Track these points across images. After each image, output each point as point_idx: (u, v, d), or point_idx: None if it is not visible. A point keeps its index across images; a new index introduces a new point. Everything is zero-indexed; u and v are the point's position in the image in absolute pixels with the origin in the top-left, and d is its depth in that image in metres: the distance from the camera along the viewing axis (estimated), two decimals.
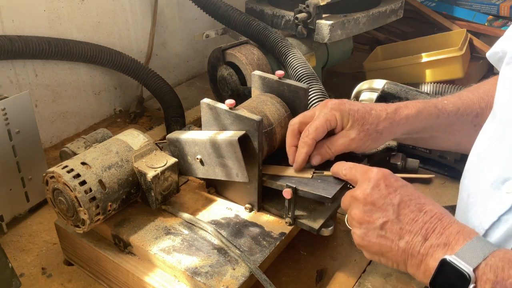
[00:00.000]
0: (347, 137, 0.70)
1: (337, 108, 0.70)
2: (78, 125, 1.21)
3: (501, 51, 0.66)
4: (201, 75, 1.56)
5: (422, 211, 0.53)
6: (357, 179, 0.59)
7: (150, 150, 0.74)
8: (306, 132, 0.71)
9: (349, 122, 0.70)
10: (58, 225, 0.77)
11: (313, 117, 0.72)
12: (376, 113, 0.70)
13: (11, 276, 0.67)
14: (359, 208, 0.56)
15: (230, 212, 0.75)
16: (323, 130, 0.70)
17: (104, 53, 1.12)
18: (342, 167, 0.65)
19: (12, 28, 0.99)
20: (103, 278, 0.74)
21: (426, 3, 1.62)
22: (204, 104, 0.73)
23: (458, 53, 1.26)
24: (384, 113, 0.70)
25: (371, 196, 0.55)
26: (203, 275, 0.63)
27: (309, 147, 0.71)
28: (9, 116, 0.81)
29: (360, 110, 0.70)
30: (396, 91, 1.00)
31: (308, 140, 0.70)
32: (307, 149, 0.71)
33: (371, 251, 0.56)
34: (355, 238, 0.57)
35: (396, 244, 0.53)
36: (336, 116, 0.70)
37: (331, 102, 0.71)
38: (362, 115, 0.70)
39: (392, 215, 0.53)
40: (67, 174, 0.66)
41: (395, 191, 0.55)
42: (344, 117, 0.70)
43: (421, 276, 0.51)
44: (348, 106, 0.70)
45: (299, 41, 1.21)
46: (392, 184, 0.56)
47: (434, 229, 0.51)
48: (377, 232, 0.54)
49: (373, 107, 0.71)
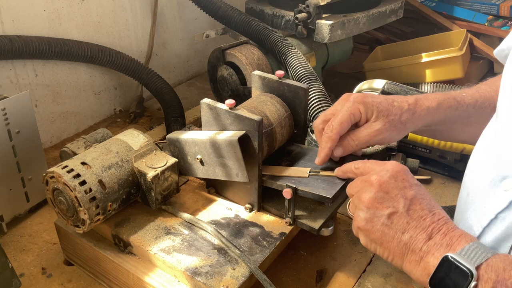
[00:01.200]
0: (372, 129, 0.69)
1: (360, 101, 0.68)
2: (78, 125, 1.21)
3: (507, 48, 0.66)
4: (201, 75, 1.56)
5: (432, 212, 0.53)
6: (372, 170, 0.59)
7: (150, 150, 0.74)
8: (330, 126, 0.69)
9: (374, 114, 0.68)
10: (58, 225, 0.77)
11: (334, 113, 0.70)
12: (399, 104, 0.69)
13: (11, 276, 0.67)
14: (371, 192, 0.55)
15: (230, 212, 0.75)
16: (347, 124, 0.69)
17: (104, 53, 1.13)
18: (353, 164, 0.65)
19: (12, 28, 0.99)
20: (103, 278, 0.74)
21: (426, 3, 1.62)
22: (204, 104, 0.73)
23: (458, 53, 1.26)
24: (406, 104, 0.69)
25: (387, 184, 0.55)
26: (203, 275, 0.63)
27: (333, 142, 0.69)
28: (9, 116, 0.81)
29: (383, 102, 0.69)
30: (396, 91, 1.00)
31: (332, 135, 0.69)
32: (331, 144, 0.70)
33: (370, 237, 0.56)
34: (358, 221, 0.56)
35: (398, 236, 0.52)
36: (360, 109, 0.68)
37: (354, 95, 0.70)
38: (386, 106, 0.68)
39: (403, 208, 0.53)
40: (67, 174, 0.66)
41: (410, 186, 0.55)
42: (369, 109, 0.68)
43: (418, 273, 0.51)
44: (371, 98, 0.69)
45: (299, 41, 1.21)
46: (409, 179, 0.56)
47: (440, 230, 0.51)
48: (383, 220, 0.54)
49: (394, 99, 0.70)
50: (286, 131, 0.80)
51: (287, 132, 0.80)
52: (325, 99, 0.96)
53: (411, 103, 0.70)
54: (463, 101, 0.71)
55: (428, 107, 0.70)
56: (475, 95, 0.72)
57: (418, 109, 0.70)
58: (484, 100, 0.72)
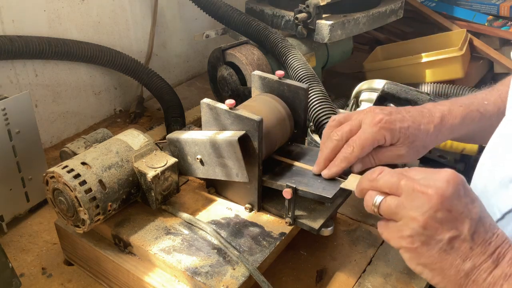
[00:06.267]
0: (395, 153, 0.67)
1: (387, 128, 0.65)
2: (78, 125, 1.21)
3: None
4: (201, 75, 1.56)
5: (495, 234, 0.46)
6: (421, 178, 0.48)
7: (150, 150, 0.74)
8: (350, 148, 0.65)
9: (400, 140, 0.66)
10: (58, 225, 0.77)
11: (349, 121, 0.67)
12: (425, 128, 0.66)
13: (11, 276, 0.67)
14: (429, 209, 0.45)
15: (230, 212, 0.75)
16: (369, 149, 0.66)
17: (104, 53, 1.13)
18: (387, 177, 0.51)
19: (12, 28, 0.99)
20: (103, 278, 0.74)
21: (426, 3, 1.62)
22: (204, 104, 0.73)
23: (458, 53, 1.26)
24: (432, 127, 0.66)
25: (450, 200, 0.45)
26: (203, 275, 0.63)
27: (348, 164, 0.66)
28: (9, 116, 0.81)
29: (410, 127, 0.66)
30: (396, 91, 1.00)
31: (350, 157, 0.66)
32: (345, 165, 0.66)
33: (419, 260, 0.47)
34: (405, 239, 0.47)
35: (459, 264, 0.45)
36: (385, 136, 0.65)
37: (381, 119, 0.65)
38: (412, 132, 0.65)
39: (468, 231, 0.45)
40: (67, 174, 0.66)
41: (473, 202, 0.46)
42: (395, 136, 0.65)
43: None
44: (398, 124, 0.65)
45: (299, 41, 1.21)
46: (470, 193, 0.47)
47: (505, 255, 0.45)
48: (441, 245, 0.45)
49: (421, 121, 0.66)
50: (286, 131, 0.80)
51: (287, 132, 0.80)
52: (326, 100, 0.96)
53: (436, 123, 0.67)
54: (486, 112, 0.69)
55: (452, 125, 0.67)
56: (497, 102, 0.70)
57: (443, 129, 0.67)
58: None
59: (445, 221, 0.45)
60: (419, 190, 0.46)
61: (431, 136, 0.67)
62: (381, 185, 0.50)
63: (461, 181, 0.47)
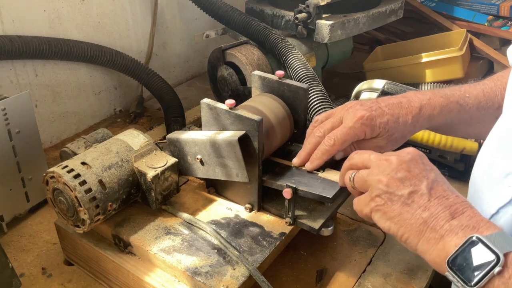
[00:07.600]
0: (375, 144, 0.70)
1: (368, 124, 0.68)
2: (78, 125, 1.21)
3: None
4: (201, 75, 1.56)
5: (454, 194, 0.52)
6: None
7: (150, 150, 0.74)
8: (331, 140, 0.69)
9: (379, 134, 0.69)
10: (58, 225, 0.77)
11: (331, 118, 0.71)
12: (403, 119, 0.69)
13: (11, 276, 0.67)
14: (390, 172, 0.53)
15: (230, 212, 0.75)
16: (349, 143, 0.70)
17: (104, 53, 1.12)
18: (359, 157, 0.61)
19: (12, 28, 0.99)
20: (103, 278, 0.74)
21: (426, 3, 1.62)
22: (204, 104, 0.73)
23: (458, 53, 1.26)
24: (410, 118, 0.69)
25: (408, 164, 0.54)
26: (203, 275, 0.63)
27: (328, 156, 0.70)
28: (9, 116, 0.81)
29: (389, 121, 0.69)
30: (396, 91, 1.00)
31: (331, 150, 0.69)
32: (326, 157, 0.70)
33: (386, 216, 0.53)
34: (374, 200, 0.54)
35: (418, 214, 0.51)
36: (366, 132, 0.69)
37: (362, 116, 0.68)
38: (391, 125, 0.69)
39: (425, 188, 0.52)
40: (67, 174, 0.66)
41: (431, 169, 0.54)
42: (375, 131, 0.69)
43: (435, 253, 0.49)
44: (378, 120, 0.69)
45: (299, 41, 1.21)
46: (429, 163, 0.55)
47: (464, 212, 0.49)
48: (403, 199, 0.52)
49: (400, 114, 0.70)
50: (286, 131, 0.80)
51: (287, 132, 0.80)
52: (326, 100, 0.96)
53: (415, 114, 0.70)
54: (466, 104, 0.71)
55: (429, 115, 0.70)
56: (479, 96, 0.72)
57: (420, 119, 0.70)
58: (488, 101, 0.71)
59: (405, 179, 0.53)
60: (384, 158, 0.56)
61: (409, 127, 0.70)
62: (356, 162, 0.60)
63: (419, 154, 0.56)
